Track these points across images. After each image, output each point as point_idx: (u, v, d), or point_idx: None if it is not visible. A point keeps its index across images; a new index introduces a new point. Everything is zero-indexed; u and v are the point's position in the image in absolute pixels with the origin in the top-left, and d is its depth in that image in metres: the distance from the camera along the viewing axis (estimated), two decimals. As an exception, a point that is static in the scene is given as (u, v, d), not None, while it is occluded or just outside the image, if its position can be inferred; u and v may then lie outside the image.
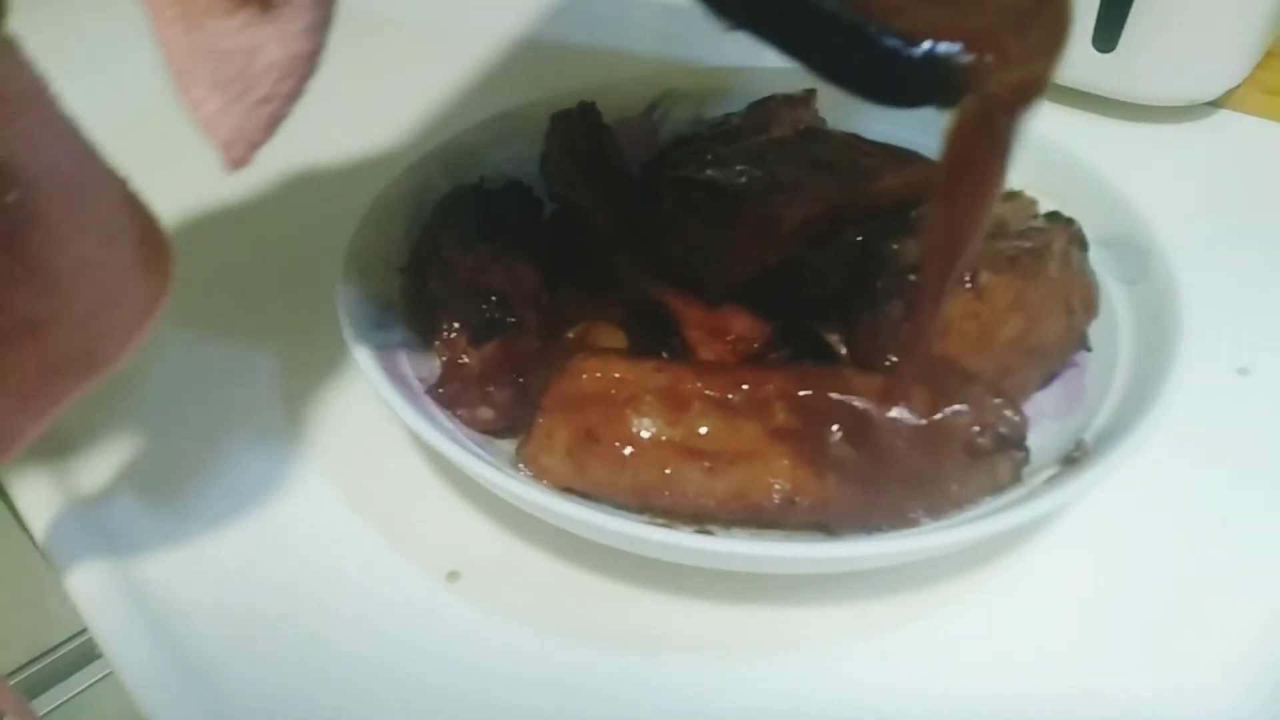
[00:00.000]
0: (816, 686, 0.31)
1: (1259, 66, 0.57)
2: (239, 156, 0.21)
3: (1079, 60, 0.56)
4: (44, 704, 0.80)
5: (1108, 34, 0.55)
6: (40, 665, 0.81)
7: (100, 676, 0.82)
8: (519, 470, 0.34)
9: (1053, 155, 0.44)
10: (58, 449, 0.39)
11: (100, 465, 0.38)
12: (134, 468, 0.38)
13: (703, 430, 0.33)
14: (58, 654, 0.82)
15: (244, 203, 0.52)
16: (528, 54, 0.65)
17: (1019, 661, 0.31)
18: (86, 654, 0.82)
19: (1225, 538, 0.35)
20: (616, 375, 0.34)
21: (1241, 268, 0.47)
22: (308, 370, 0.42)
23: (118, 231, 0.20)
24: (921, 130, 0.47)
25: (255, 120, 0.20)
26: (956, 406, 0.32)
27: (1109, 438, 0.32)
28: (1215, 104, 0.58)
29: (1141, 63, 0.55)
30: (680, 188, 0.37)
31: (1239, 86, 0.57)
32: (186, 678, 0.31)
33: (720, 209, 0.36)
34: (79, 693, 0.81)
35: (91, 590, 0.34)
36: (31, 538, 0.36)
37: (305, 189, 0.53)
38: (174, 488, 0.37)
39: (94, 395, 0.40)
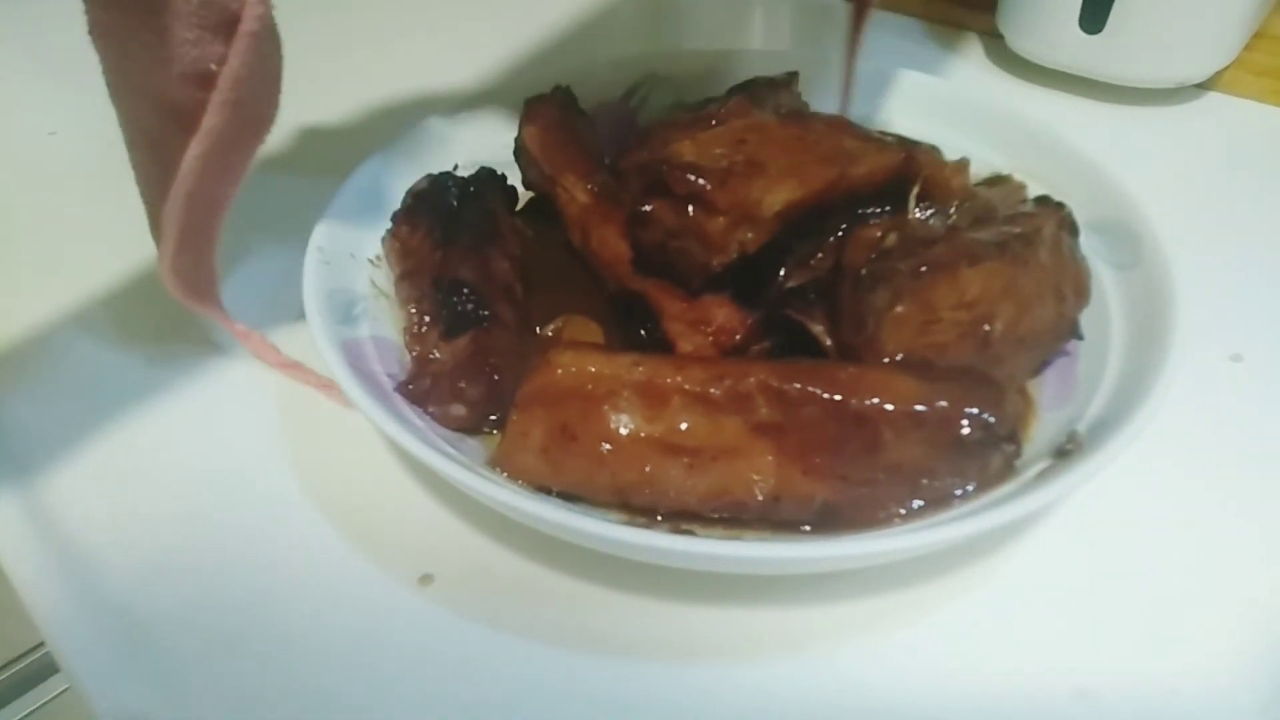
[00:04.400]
0: (803, 687, 0.30)
1: (1247, 48, 0.56)
2: None
3: (1066, 42, 0.55)
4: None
5: (1095, 15, 0.54)
6: (-2, 680, 0.79)
7: (60, 691, 0.79)
8: (493, 470, 0.32)
9: (1040, 138, 0.43)
10: (16, 458, 0.37)
11: (60, 475, 0.37)
12: (95, 477, 0.37)
13: (683, 426, 0.32)
14: (15, 668, 0.79)
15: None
16: (502, 35, 0.64)
17: (1011, 659, 0.31)
18: (45, 668, 0.80)
19: (1219, 529, 0.34)
20: (593, 370, 0.32)
21: (1231, 252, 0.46)
22: (274, 367, 0.40)
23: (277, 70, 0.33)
24: (906, 114, 0.47)
25: None
26: (945, 399, 0.31)
27: (1103, 429, 0.31)
28: (1204, 86, 0.57)
29: (1129, 44, 0.54)
30: (658, 173, 0.36)
31: (1228, 68, 0.56)
32: (150, 689, 0.30)
33: (699, 194, 0.35)
34: (37, 708, 0.79)
35: (50, 602, 0.32)
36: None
37: (269, 175, 0.51)
38: (136, 495, 0.36)
39: (53, 400, 0.39)
